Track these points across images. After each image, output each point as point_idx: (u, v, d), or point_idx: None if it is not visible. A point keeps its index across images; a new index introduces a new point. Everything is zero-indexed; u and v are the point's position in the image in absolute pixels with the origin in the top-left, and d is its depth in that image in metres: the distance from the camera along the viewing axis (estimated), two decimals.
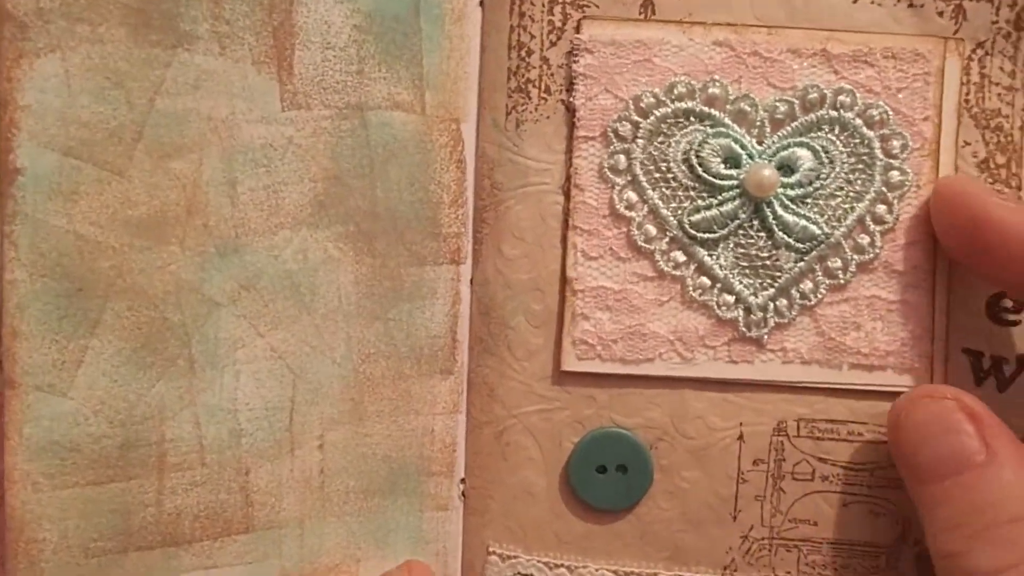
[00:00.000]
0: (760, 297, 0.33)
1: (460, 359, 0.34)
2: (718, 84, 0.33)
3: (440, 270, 0.34)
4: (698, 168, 0.33)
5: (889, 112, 0.33)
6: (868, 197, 0.33)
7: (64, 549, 0.32)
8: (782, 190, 0.33)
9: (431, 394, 0.34)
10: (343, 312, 0.34)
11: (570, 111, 0.34)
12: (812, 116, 0.33)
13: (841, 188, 0.33)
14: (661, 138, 0.33)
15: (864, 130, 0.33)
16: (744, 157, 0.33)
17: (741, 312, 0.33)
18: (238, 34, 0.32)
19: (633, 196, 0.33)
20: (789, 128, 0.33)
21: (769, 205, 0.33)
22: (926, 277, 0.33)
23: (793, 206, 0.33)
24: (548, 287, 0.34)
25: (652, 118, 0.33)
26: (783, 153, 0.33)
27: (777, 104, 0.33)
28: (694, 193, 0.33)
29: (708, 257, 0.33)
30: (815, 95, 0.33)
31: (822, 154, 0.33)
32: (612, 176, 0.33)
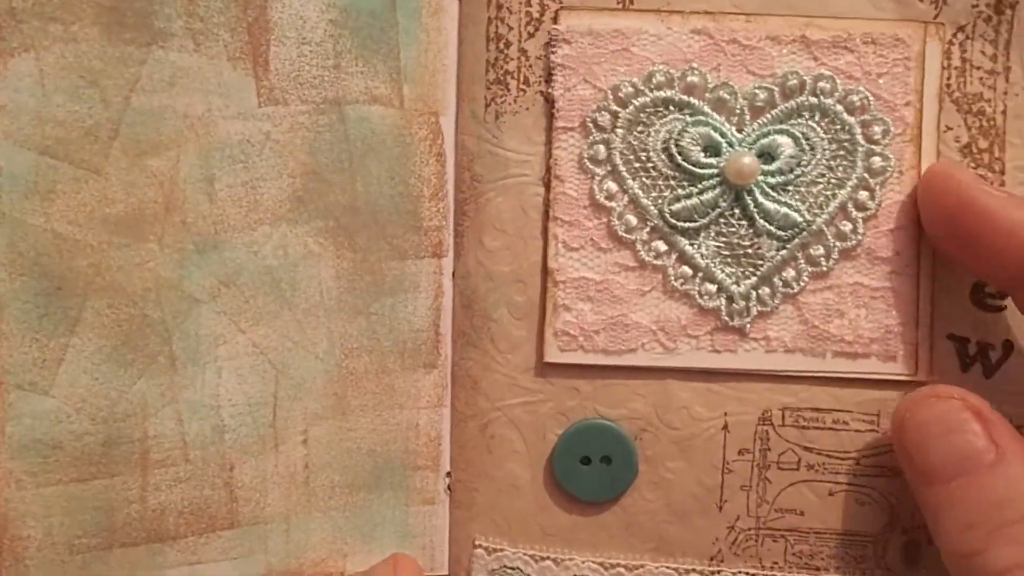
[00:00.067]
0: (742, 286, 0.33)
1: (444, 352, 0.34)
2: (697, 72, 0.33)
3: (422, 264, 0.34)
4: (678, 157, 0.33)
5: (870, 98, 0.33)
6: (850, 184, 0.33)
7: (49, 546, 0.32)
8: (763, 178, 0.33)
9: (415, 388, 0.34)
10: (324, 307, 0.34)
11: (549, 102, 0.33)
12: (792, 103, 0.33)
13: (822, 175, 0.33)
14: (640, 127, 0.33)
15: (845, 116, 0.33)
16: (724, 145, 0.33)
17: (723, 301, 0.33)
18: (213, 31, 0.32)
19: (613, 186, 0.33)
20: (769, 115, 0.33)
21: (750, 193, 0.33)
22: (910, 263, 0.33)
23: (774, 194, 0.33)
24: (530, 279, 0.34)
25: (631, 108, 0.33)
26: (763, 141, 0.33)
27: (756, 91, 0.33)
28: (674, 182, 0.33)
29: (689, 246, 0.33)
30: (795, 82, 0.33)
31: (803, 141, 0.33)
32: (592, 166, 0.33)
